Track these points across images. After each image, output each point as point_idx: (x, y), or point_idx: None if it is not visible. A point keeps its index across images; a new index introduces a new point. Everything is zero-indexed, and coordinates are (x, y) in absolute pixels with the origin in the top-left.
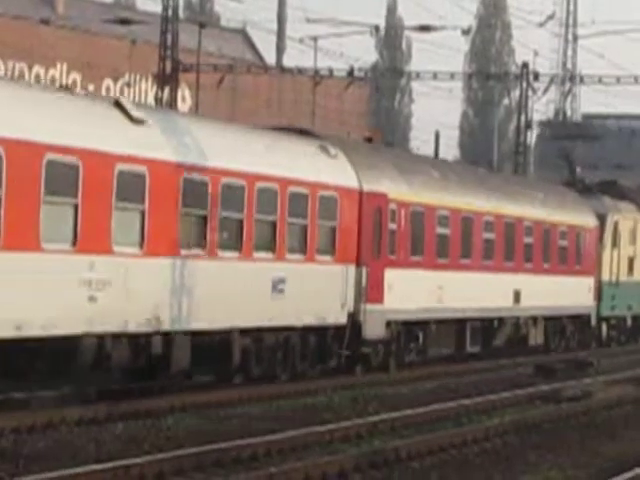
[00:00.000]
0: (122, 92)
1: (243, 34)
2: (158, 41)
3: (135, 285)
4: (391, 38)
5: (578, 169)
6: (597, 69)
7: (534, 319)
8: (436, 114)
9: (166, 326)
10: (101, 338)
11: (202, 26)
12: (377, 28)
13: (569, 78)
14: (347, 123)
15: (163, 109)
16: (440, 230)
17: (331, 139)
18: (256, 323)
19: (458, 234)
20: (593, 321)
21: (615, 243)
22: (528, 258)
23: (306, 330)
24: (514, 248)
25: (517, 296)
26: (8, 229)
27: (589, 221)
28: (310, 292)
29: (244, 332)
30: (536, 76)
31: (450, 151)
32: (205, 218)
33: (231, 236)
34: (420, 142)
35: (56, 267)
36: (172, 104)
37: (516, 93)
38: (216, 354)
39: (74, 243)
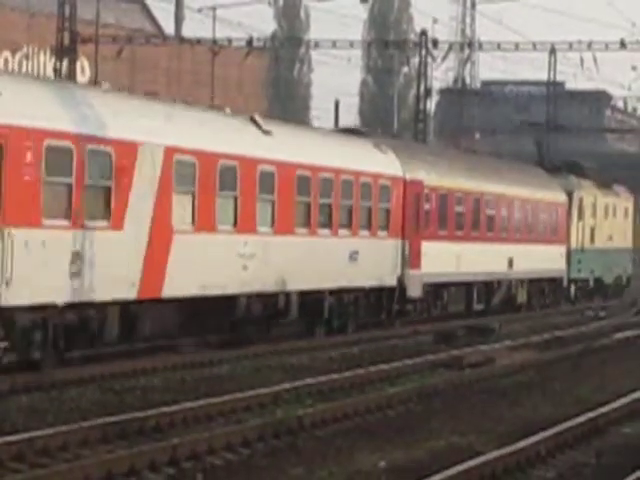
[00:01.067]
0: (20, 65)
1: (141, 4)
2: (56, 13)
3: (270, 257)
4: (289, 7)
5: (477, 135)
6: (496, 36)
7: (521, 281)
8: (336, 83)
9: (286, 287)
10: (249, 297)
11: None
12: None
13: (468, 45)
14: (246, 93)
15: (282, 122)
16: (457, 209)
17: (379, 137)
18: (339, 285)
19: (469, 212)
20: (565, 283)
21: (580, 216)
22: (518, 230)
23: (369, 291)
24: (508, 222)
25: (510, 262)
26: (199, 217)
27: (560, 197)
28: (374, 260)
29: (330, 292)
30: (435, 43)
31: (350, 119)
32: (309, 205)
33: (324, 218)
34: (320, 111)
35: (218, 243)
36: (71, 76)
37: (415, 61)
38: (312, 309)
39: (234, 225)
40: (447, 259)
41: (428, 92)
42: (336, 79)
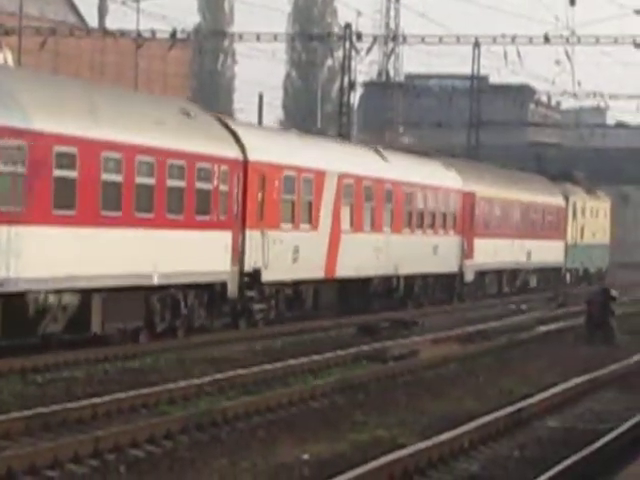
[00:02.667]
0: None
1: None
2: None
3: (389, 249)
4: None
5: (401, 128)
6: (420, 29)
7: (534, 270)
8: (259, 76)
9: (398, 272)
10: (378, 278)
11: None
12: None
13: (392, 38)
14: (170, 85)
15: (393, 150)
16: (496, 212)
17: (443, 157)
18: (426, 271)
19: (505, 215)
20: (563, 271)
21: (574, 217)
22: (534, 228)
23: (440, 276)
24: (527, 222)
25: (529, 254)
26: (354, 221)
27: (560, 202)
28: (446, 252)
29: (420, 276)
30: (359, 36)
31: (274, 112)
32: (411, 212)
33: (419, 220)
34: (244, 104)
35: (364, 240)
36: None
37: (339, 54)
38: (408, 289)
39: (372, 227)
40: (489, 252)
41: (352, 85)
42: (260, 72)
